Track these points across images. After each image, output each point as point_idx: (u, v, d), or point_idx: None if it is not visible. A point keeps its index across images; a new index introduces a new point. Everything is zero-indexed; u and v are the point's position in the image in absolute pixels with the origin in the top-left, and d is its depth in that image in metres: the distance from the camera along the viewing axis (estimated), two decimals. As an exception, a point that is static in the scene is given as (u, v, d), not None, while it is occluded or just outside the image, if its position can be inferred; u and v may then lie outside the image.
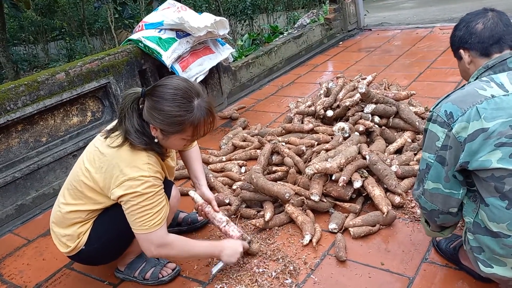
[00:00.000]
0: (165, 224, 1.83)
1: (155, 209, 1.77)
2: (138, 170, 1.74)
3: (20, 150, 2.81)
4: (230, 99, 4.34)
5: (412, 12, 8.75)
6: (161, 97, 1.72)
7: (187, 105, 1.71)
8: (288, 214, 2.33)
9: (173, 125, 1.73)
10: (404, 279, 1.87)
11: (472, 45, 1.64)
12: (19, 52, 11.20)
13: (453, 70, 4.12)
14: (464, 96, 1.52)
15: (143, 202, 1.74)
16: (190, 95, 1.73)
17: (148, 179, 1.75)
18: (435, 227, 1.79)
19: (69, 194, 1.91)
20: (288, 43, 5.21)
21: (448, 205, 1.61)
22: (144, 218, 1.76)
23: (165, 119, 1.72)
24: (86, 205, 1.87)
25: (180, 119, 1.71)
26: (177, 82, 1.75)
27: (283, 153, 2.74)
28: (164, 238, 1.82)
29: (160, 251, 1.83)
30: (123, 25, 7.73)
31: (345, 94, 3.08)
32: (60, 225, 1.94)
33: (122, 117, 1.81)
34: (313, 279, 1.95)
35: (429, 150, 1.60)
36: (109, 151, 1.80)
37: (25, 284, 2.21)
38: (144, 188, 1.73)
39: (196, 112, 1.73)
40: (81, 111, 3.11)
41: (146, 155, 1.79)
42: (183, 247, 1.89)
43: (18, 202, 2.79)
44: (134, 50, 3.36)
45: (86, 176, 1.83)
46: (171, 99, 1.71)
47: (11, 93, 2.69)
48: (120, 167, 1.75)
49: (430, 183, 1.61)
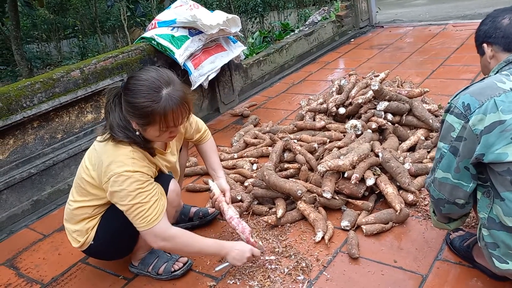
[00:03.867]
0: (164, 217, 1.83)
1: (147, 205, 1.77)
2: (122, 165, 1.75)
3: (36, 146, 2.85)
4: (241, 97, 4.36)
5: (424, 9, 8.69)
6: (131, 90, 1.72)
7: (154, 95, 1.69)
8: (300, 211, 2.34)
9: (144, 117, 1.72)
10: (417, 276, 1.87)
11: (496, 39, 1.65)
12: (32, 50, 11.32)
13: (467, 68, 4.09)
14: (482, 89, 1.52)
15: (132, 200, 1.75)
16: (158, 85, 1.71)
17: (133, 174, 1.75)
18: (441, 217, 1.79)
19: (76, 192, 1.95)
20: (299, 41, 5.21)
21: (454, 195, 1.62)
22: (139, 215, 1.77)
23: (135, 111, 1.72)
24: (92, 201, 1.91)
25: (148, 109, 1.69)
26: (146, 73, 1.74)
27: (295, 150, 2.75)
28: (167, 231, 1.83)
29: (166, 244, 1.84)
30: (135, 23, 7.78)
31: (357, 92, 3.07)
32: (70, 221, 1.98)
33: (106, 112, 1.83)
34: (325, 276, 1.96)
35: (444, 140, 1.61)
36: (99, 148, 1.84)
37: (42, 278, 2.25)
38: (128, 185, 1.74)
39: (164, 102, 1.69)
40: (95, 108, 3.14)
41: (130, 150, 1.79)
42: (187, 241, 1.88)
43: (34, 197, 2.84)
44: (147, 48, 3.39)
45: (86, 173, 1.87)
46: (138, 91, 1.70)
47: (27, 90, 2.73)
48: (106, 163, 1.77)
49: (440, 172, 1.63)
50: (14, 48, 6.75)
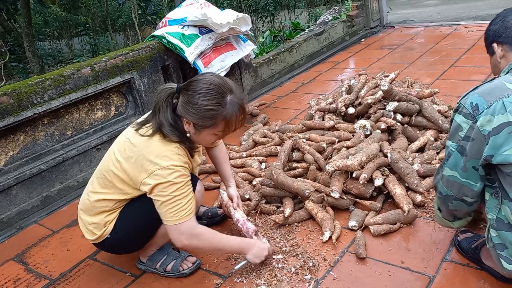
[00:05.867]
0: (194, 215, 1.87)
1: (185, 199, 1.80)
2: (169, 160, 1.78)
3: (46, 143, 2.88)
4: (250, 96, 4.36)
5: (436, 10, 8.62)
6: (196, 92, 1.77)
7: (220, 100, 1.76)
8: (308, 210, 2.34)
9: (206, 119, 1.77)
10: (425, 277, 1.86)
11: (507, 39, 1.64)
12: (43, 47, 11.43)
13: (477, 69, 4.06)
14: (491, 89, 1.51)
15: (174, 192, 1.78)
16: (223, 91, 1.77)
17: (178, 168, 1.79)
18: (447, 214, 1.79)
19: (98, 183, 1.95)
20: (310, 40, 5.19)
21: (462, 193, 1.63)
22: (175, 208, 1.79)
23: (198, 112, 1.76)
24: (114, 194, 1.91)
25: (213, 113, 1.76)
26: (211, 78, 1.80)
27: (303, 150, 2.75)
28: (195, 229, 1.86)
29: (191, 241, 1.86)
30: (146, 21, 7.81)
31: (367, 92, 3.06)
32: (87, 213, 1.99)
33: (156, 110, 1.85)
34: (332, 276, 1.95)
35: (452, 139, 1.61)
36: (140, 142, 1.84)
37: (50, 274, 2.27)
38: (174, 178, 1.77)
39: (229, 107, 1.77)
40: (105, 106, 3.16)
41: (175, 146, 1.83)
42: (212, 238, 1.92)
43: (43, 193, 2.86)
44: (157, 46, 3.40)
45: (116, 166, 1.87)
46: (205, 93, 1.75)
47: (38, 87, 2.75)
48: (150, 157, 1.78)
49: (448, 170, 1.64)
50: (26, 45, 6.83)
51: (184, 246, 1.90)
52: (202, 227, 1.92)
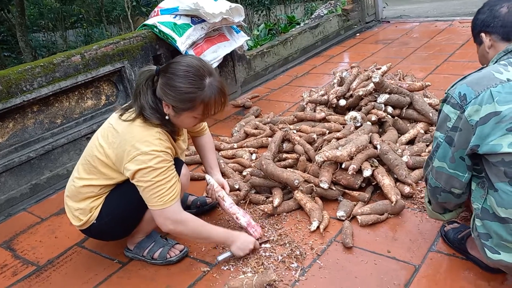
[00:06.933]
0: (179, 200, 1.86)
1: (168, 184, 1.80)
2: (150, 145, 1.77)
3: (35, 130, 2.86)
4: (244, 88, 4.34)
5: (432, 6, 8.62)
6: (174, 74, 1.76)
7: (199, 82, 1.75)
8: (297, 200, 2.34)
9: (185, 102, 1.76)
10: (410, 267, 1.87)
11: (495, 28, 1.63)
12: (38, 39, 11.35)
13: (471, 64, 4.06)
14: (479, 79, 1.51)
15: (156, 177, 1.77)
16: (202, 73, 1.76)
17: (160, 154, 1.78)
18: (436, 206, 1.79)
19: (83, 169, 1.95)
20: (304, 33, 5.18)
21: (450, 184, 1.62)
22: (158, 193, 1.79)
23: (176, 95, 1.75)
24: (99, 180, 1.91)
25: (192, 96, 1.75)
26: (190, 60, 1.79)
27: (293, 141, 2.74)
28: (179, 214, 1.86)
29: (176, 227, 1.86)
30: (140, 13, 7.76)
31: (358, 84, 3.06)
32: (73, 199, 1.98)
33: (137, 94, 1.85)
34: (318, 264, 1.96)
35: (440, 129, 1.61)
36: (122, 127, 1.84)
37: (37, 260, 2.26)
38: (156, 163, 1.77)
39: (208, 90, 1.76)
40: (95, 95, 3.15)
41: (156, 131, 1.82)
42: (197, 226, 1.92)
43: (32, 181, 2.85)
44: (149, 35, 3.38)
45: (100, 151, 1.87)
46: (184, 76, 1.74)
47: (28, 74, 2.73)
48: (131, 142, 1.78)
49: (437, 161, 1.64)
50: (18, 35, 6.79)
51: (170, 231, 1.89)
52: (188, 214, 1.92)
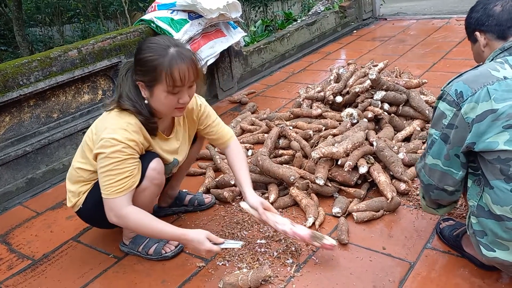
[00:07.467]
0: (127, 195, 1.80)
1: (118, 176, 1.77)
2: (112, 133, 1.77)
3: (31, 125, 2.85)
4: (240, 84, 4.34)
5: (429, 3, 8.61)
6: (139, 48, 1.79)
7: (161, 51, 1.73)
8: (293, 197, 2.34)
9: (149, 73, 1.74)
10: (405, 264, 1.88)
11: (489, 27, 1.63)
12: (35, 33, 11.28)
13: (468, 61, 4.07)
14: (476, 76, 1.51)
15: (107, 166, 1.77)
16: (167, 44, 1.75)
17: (118, 143, 1.76)
18: (430, 202, 1.80)
19: (80, 151, 2.00)
20: (301, 30, 5.18)
21: (443, 182, 1.63)
22: (107, 182, 1.78)
23: (141, 67, 1.76)
24: (87, 165, 1.93)
25: (154, 64, 1.72)
26: (158, 37, 1.84)
27: (290, 137, 2.75)
28: (121, 209, 1.78)
29: (119, 220, 1.81)
30: (137, 8, 7.73)
31: (355, 80, 3.06)
32: (69, 180, 2.03)
33: (118, 84, 1.88)
34: (314, 260, 1.96)
35: (435, 126, 1.61)
36: (104, 115, 1.90)
37: (33, 254, 2.26)
38: (110, 152, 1.76)
39: (170, 56, 1.72)
40: (92, 89, 3.14)
41: (126, 121, 1.80)
42: (140, 223, 1.81)
43: (28, 175, 2.84)
44: (146, 30, 3.37)
45: (89, 137, 1.91)
46: (146, 47, 1.76)
47: (24, 68, 2.72)
48: (102, 128, 1.81)
49: (430, 158, 1.63)
50: (15, 29, 6.74)
51: (114, 222, 1.83)
52: (133, 209, 1.81)
